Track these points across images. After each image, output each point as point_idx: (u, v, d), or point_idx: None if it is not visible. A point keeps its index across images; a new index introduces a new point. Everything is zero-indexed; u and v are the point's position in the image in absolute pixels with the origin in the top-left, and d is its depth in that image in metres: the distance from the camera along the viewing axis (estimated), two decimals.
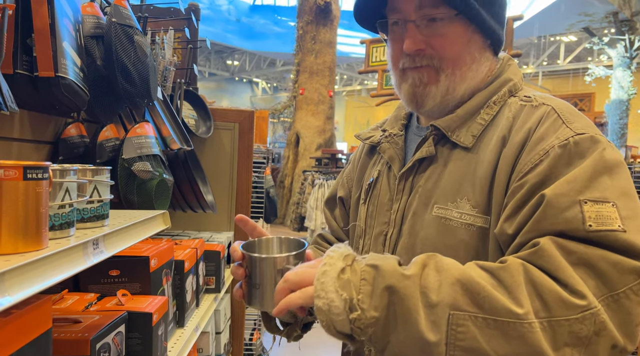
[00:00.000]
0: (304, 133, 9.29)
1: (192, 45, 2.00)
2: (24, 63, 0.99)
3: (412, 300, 0.60)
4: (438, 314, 0.60)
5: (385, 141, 0.93)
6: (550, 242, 0.64)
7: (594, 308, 0.59)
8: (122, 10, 1.27)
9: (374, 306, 0.61)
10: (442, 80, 0.82)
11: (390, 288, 0.61)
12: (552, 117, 0.75)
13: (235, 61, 19.10)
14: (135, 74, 1.24)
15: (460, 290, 0.60)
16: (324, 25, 8.77)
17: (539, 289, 0.60)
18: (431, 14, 0.80)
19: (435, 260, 0.64)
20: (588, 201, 0.65)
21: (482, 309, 0.59)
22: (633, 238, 0.63)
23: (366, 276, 0.63)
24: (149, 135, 1.40)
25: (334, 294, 0.61)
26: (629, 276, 0.61)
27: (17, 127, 1.17)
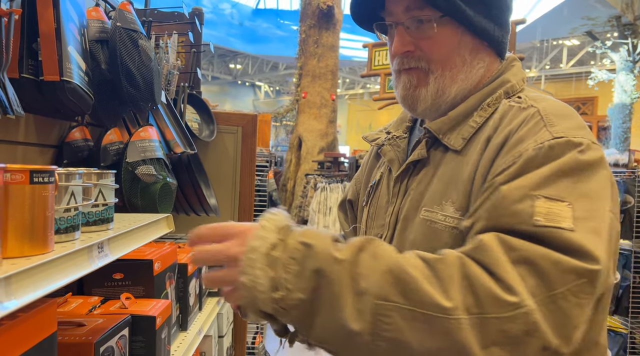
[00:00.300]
0: (306, 137, 9.30)
1: (195, 49, 2.01)
2: (30, 67, 1.00)
3: (340, 285, 0.58)
4: (364, 302, 0.57)
5: (387, 143, 0.94)
6: (494, 237, 0.61)
7: (526, 307, 0.57)
8: (126, 14, 1.28)
9: (300, 288, 0.59)
10: (432, 82, 0.82)
11: (319, 271, 0.59)
12: (534, 119, 0.73)
13: (238, 65, 19.15)
14: (139, 78, 1.25)
15: (390, 279, 0.58)
16: (327, 29, 8.79)
17: (473, 284, 0.58)
18: (417, 15, 0.80)
19: (374, 245, 0.62)
20: (542, 197, 0.63)
21: (410, 301, 0.57)
22: (578, 238, 0.59)
23: (296, 255, 0.60)
24: (152, 139, 1.41)
25: (260, 271, 0.59)
26: (568, 276, 0.58)
27: (22, 131, 1.17)
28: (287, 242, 0.61)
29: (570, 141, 0.68)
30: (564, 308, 0.57)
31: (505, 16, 0.86)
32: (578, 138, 0.68)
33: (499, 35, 0.85)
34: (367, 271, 0.59)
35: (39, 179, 0.53)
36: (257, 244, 0.60)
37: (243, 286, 0.60)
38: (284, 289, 0.59)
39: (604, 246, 0.61)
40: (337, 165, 8.01)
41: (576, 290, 0.58)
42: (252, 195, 2.34)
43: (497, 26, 0.84)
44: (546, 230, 0.60)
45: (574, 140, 0.68)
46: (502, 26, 0.85)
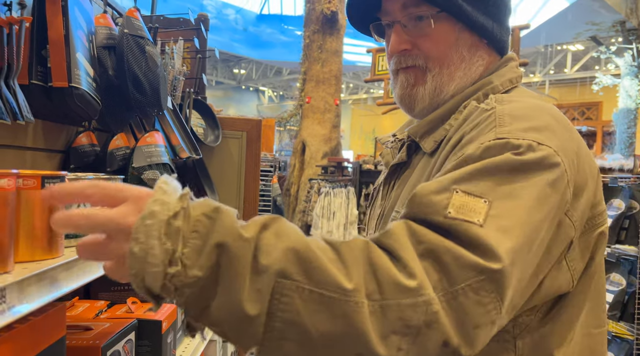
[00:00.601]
0: (310, 142, 9.32)
1: (201, 55, 2.02)
2: (39, 73, 1.01)
3: (241, 262, 0.52)
4: (264, 281, 0.52)
5: (390, 146, 0.94)
6: (403, 224, 0.58)
7: (427, 296, 0.53)
8: (133, 21, 1.29)
9: (199, 264, 0.51)
10: (429, 80, 0.82)
11: (221, 245, 0.51)
12: (489, 120, 0.70)
13: (242, 70, 19.23)
14: (146, 83, 1.26)
15: (292, 257, 0.53)
16: (331, 34, 8.82)
17: (375, 269, 0.54)
18: (414, 12, 0.80)
19: (279, 223, 0.56)
20: (460, 191, 0.60)
21: (311, 280, 0.52)
22: (484, 234, 0.56)
23: (199, 228, 0.52)
24: (158, 144, 1.42)
25: (156, 241, 0.50)
26: (468, 272, 0.54)
27: (30, 136, 1.19)
28: (189, 212, 0.52)
29: (509, 143, 0.64)
30: (464, 304, 0.54)
31: (503, 14, 0.85)
32: (519, 141, 0.64)
33: (498, 33, 0.84)
34: (270, 248, 0.53)
35: (50, 184, 0.54)
36: (158, 209, 0.51)
37: (132, 257, 0.50)
38: (179, 264, 0.50)
39: (509, 245, 0.56)
40: (341, 170, 8.02)
41: (476, 287, 0.54)
42: (257, 200, 2.34)
43: (496, 23, 0.83)
44: (454, 223, 0.57)
45: (513, 142, 0.64)
46: (500, 24, 0.84)
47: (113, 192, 0.54)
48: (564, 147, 0.66)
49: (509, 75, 0.83)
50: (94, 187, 0.53)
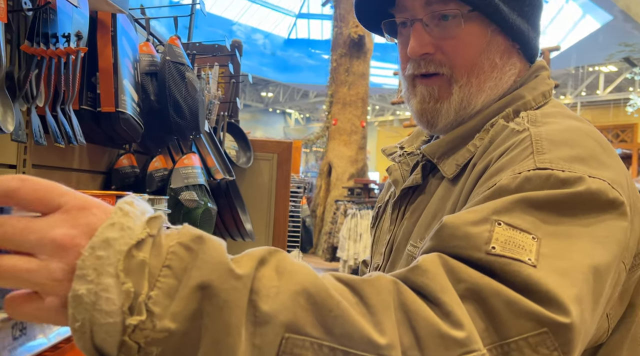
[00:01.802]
0: (336, 163, 9.35)
1: (235, 80, 2.09)
2: (89, 99, 1.07)
3: (234, 310, 0.38)
4: (267, 336, 0.38)
5: (397, 160, 0.83)
6: (437, 259, 0.47)
7: (477, 351, 0.42)
8: (174, 49, 1.35)
9: (173, 313, 0.37)
10: (456, 92, 0.71)
11: (205, 287, 0.38)
12: (523, 145, 0.60)
13: (270, 93, 19.60)
14: (186, 108, 1.32)
15: (305, 302, 0.39)
16: (358, 57, 8.94)
17: (412, 317, 0.42)
18: (440, 10, 0.69)
19: (278, 258, 0.42)
20: (503, 223, 0.49)
21: (331, 334, 0.39)
22: (540, 277, 0.45)
23: (173, 263, 0.38)
24: (195, 166, 1.47)
25: (111, 279, 0.36)
26: (524, 322, 0.43)
27: (77, 158, 1.25)
28: (160, 241, 0.39)
29: (554, 175, 0.53)
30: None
31: (537, 16, 0.74)
32: (566, 173, 0.53)
33: (533, 37, 0.73)
34: (271, 291, 0.39)
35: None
36: (115, 236, 0.37)
37: (75, 302, 0.36)
38: (144, 313, 0.37)
39: (573, 292, 0.45)
40: (367, 192, 8.01)
41: (534, 342, 0.43)
42: (286, 220, 2.37)
43: (531, 27, 0.73)
44: (501, 261, 0.46)
45: (558, 175, 0.53)
46: (535, 27, 0.74)
47: (43, 193, 0.38)
48: (617, 179, 0.56)
49: (541, 88, 0.73)
50: (21, 179, 0.37)
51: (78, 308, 0.35)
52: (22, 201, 0.37)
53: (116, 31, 1.08)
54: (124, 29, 1.13)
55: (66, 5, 0.82)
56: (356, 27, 8.60)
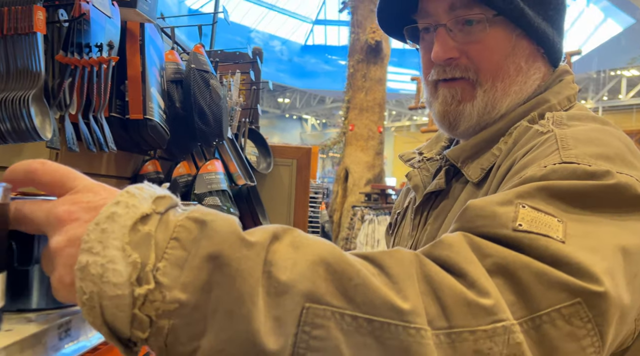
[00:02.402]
0: (353, 169, 9.35)
1: (255, 87, 2.11)
2: (117, 107, 1.10)
3: (247, 280, 0.36)
4: (286, 306, 0.37)
5: (417, 166, 0.82)
6: (461, 235, 0.45)
7: (506, 321, 0.39)
8: (199, 57, 1.38)
9: (182, 282, 0.36)
10: (480, 96, 0.70)
11: (216, 257, 0.37)
12: (548, 143, 0.59)
13: (287, 99, 19.72)
14: (210, 115, 1.34)
15: (324, 272, 0.38)
16: (375, 63, 8.94)
17: (436, 287, 0.40)
18: (464, 15, 0.69)
19: (293, 234, 0.41)
20: (527, 206, 0.47)
21: (353, 302, 0.37)
22: (570, 251, 0.43)
23: (181, 235, 0.37)
24: (218, 172, 1.49)
25: (117, 252, 0.36)
26: (556, 293, 0.41)
27: (104, 165, 1.28)
28: (168, 218, 0.38)
29: (580, 168, 0.51)
30: (550, 337, 0.40)
31: (562, 20, 0.74)
32: (592, 167, 0.52)
33: (557, 41, 0.73)
34: (288, 262, 0.38)
35: None
36: (118, 211, 0.37)
37: (82, 274, 0.36)
38: (152, 282, 0.36)
39: (605, 265, 0.43)
40: (385, 197, 7.98)
41: (567, 313, 0.40)
42: (306, 226, 2.38)
43: (555, 31, 0.73)
44: (529, 236, 0.44)
45: (585, 168, 0.51)
46: (559, 31, 0.74)
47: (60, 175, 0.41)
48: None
49: (566, 92, 0.72)
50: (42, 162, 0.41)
51: (85, 280, 0.35)
52: (40, 182, 0.40)
53: (144, 40, 1.11)
54: (151, 37, 1.16)
55: (100, 16, 0.84)
56: (373, 33, 8.61)
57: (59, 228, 0.38)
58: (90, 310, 0.36)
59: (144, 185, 0.40)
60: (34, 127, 0.65)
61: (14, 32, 0.66)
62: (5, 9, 0.67)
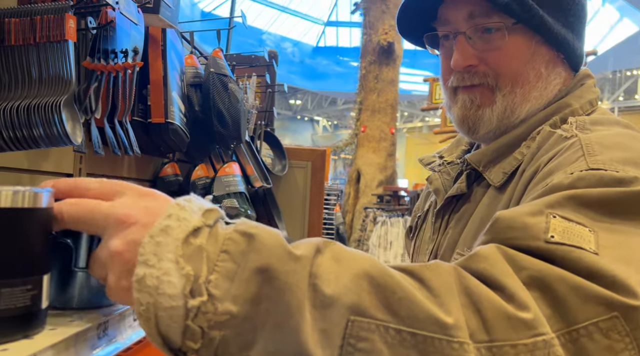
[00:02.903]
0: (365, 170, 9.34)
1: (271, 90, 2.13)
2: (140, 111, 1.12)
3: (296, 293, 0.38)
4: (332, 319, 0.38)
5: (437, 170, 0.83)
6: (495, 248, 0.45)
7: (546, 335, 0.40)
8: (218, 61, 1.40)
9: (233, 296, 0.37)
10: (499, 100, 0.71)
11: (265, 270, 0.38)
12: (573, 149, 0.60)
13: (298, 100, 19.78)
14: (228, 118, 1.36)
15: (367, 285, 0.39)
16: (387, 64, 8.93)
17: (476, 300, 0.41)
18: (484, 23, 0.70)
19: (333, 248, 0.42)
20: (558, 216, 0.48)
21: (397, 316, 0.38)
22: (604, 263, 0.43)
23: (231, 248, 0.39)
24: (236, 174, 1.51)
25: (171, 264, 0.38)
26: (593, 306, 0.41)
27: (125, 167, 1.30)
28: (217, 230, 0.40)
29: (607, 175, 0.52)
30: (588, 351, 0.40)
31: (582, 26, 0.75)
32: (621, 173, 0.52)
33: (578, 47, 0.74)
34: (331, 276, 0.39)
35: None
36: (171, 224, 0.39)
37: (139, 286, 0.38)
38: (205, 294, 0.37)
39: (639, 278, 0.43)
40: (397, 199, 7.96)
41: (605, 327, 0.40)
42: (320, 228, 2.39)
43: (575, 36, 0.74)
44: (562, 249, 0.44)
45: (613, 174, 0.52)
46: (579, 36, 0.74)
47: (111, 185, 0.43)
48: None
49: (588, 96, 0.73)
50: (99, 181, 0.44)
51: (142, 292, 0.37)
52: (89, 193, 0.42)
53: (166, 45, 1.13)
54: (172, 42, 1.18)
55: (125, 23, 0.86)
56: (385, 34, 8.60)
57: (118, 231, 0.40)
58: (146, 321, 0.37)
59: (191, 197, 0.42)
60: (65, 132, 0.67)
61: (47, 40, 0.68)
62: (38, 18, 0.69)
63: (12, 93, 0.68)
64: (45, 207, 0.39)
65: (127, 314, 0.49)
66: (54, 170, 0.98)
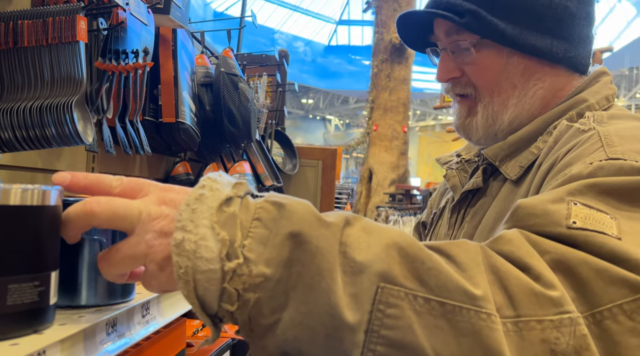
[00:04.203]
0: (377, 169, 9.31)
1: (282, 89, 2.14)
2: (151, 110, 1.13)
3: (327, 256, 0.39)
4: (362, 284, 0.39)
5: (455, 167, 0.87)
6: (517, 232, 0.46)
7: (573, 313, 0.41)
8: (228, 60, 1.41)
9: (266, 258, 0.39)
10: (480, 111, 0.77)
11: (296, 235, 0.39)
12: (591, 140, 0.61)
13: (310, 99, 19.78)
14: (239, 117, 1.36)
15: (397, 255, 0.40)
16: (399, 63, 8.90)
17: (503, 277, 0.42)
18: (456, 40, 0.76)
19: (363, 221, 0.44)
20: (579, 203, 0.49)
21: (426, 285, 0.40)
22: (627, 247, 0.44)
23: (262, 216, 0.40)
24: (246, 173, 1.51)
25: (207, 230, 0.40)
26: (617, 289, 0.42)
27: (137, 167, 1.32)
28: (247, 201, 0.42)
29: (627, 164, 0.53)
30: (612, 332, 0.41)
31: (570, 27, 0.75)
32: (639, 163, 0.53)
33: (562, 50, 0.75)
34: (362, 244, 0.41)
35: None
36: (205, 193, 0.41)
37: (178, 249, 0.39)
38: (241, 257, 0.39)
39: None
40: (409, 198, 7.93)
41: (629, 309, 0.41)
42: None
43: (558, 39, 0.75)
44: (584, 234, 0.45)
45: (632, 164, 0.53)
46: (566, 39, 0.75)
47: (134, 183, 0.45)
48: None
49: (604, 92, 0.75)
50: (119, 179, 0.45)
51: (181, 255, 0.39)
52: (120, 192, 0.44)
53: (176, 45, 1.14)
54: (183, 42, 1.19)
55: (136, 24, 0.87)
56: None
57: (152, 226, 0.42)
58: (185, 283, 0.39)
59: (221, 172, 0.45)
60: (77, 131, 0.68)
61: (58, 41, 0.69)
62: (50, 19, 0.70)
63: (25, 94, 0.69)
64: (53, 204, 0.40)
65: (135, 311, 0.50)
66: (67, 169, 1.00)
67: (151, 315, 0.52)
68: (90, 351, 0.41)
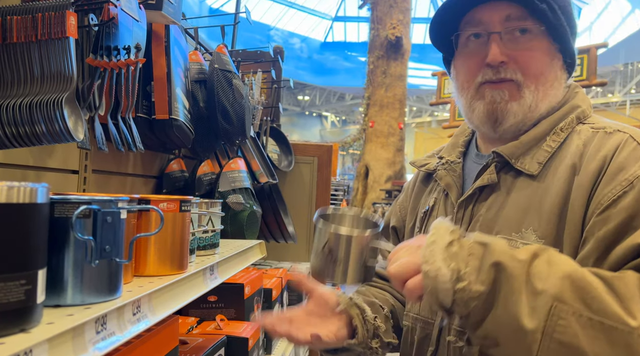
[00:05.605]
0: (373, 166, 9.31)
1: (277, 85, 2.13)
2: (144, 107, 1.12)
3: (517, 281, 0.61)
4: (540, 302, 0.59)
5: (442, 168, 0.91)
6: None
7: None
8: (222, 57, 1.40)
9: (481, 280, 0.62)
10: (526, 95, 0.81)
11: (498, 264, 0.62)
12: (631, 144, 0.74)
13: (306, 96, 19.74)
14: (233, 114, 1.36)
15: (569, 285, 0.60)
16: (395, 59, 8.89)
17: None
18: (519, 25, 0.80)
19: (549, 253, 0.64)
20: None
21: (590, 309, 0.59)
22: None
23: (474, 252, 0.64)
24: (241, 170, 1.51)
25: (441, 263, 0.63)
26: None
27: (131, 164, 1.31)
28: (462, 242, 0.65)
29: None
30: None
31: (575, 39, 0.86)
32: None
33: (575, 59, 0.86)
34: (543, 275, 0.61)
35: (185, 207, 0.61)
36: (436, 239, 0.65)
37: (425, 276, 0.64)
38: (465, 280, 0.62)
39: None
40: None
41: None
42: None
43: (575, 51, 0.85)
44: None
45: None
46: (575, 51, 0.86)
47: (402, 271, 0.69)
48: None
49: (587, 101, 0.86)
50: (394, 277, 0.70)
51: (427, 279, 0.64)
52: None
53: (169, 42, 1.13)
54: (176, 39, 1.18)
55: (127, 20, 0.87)
56: (393, 28, 8.55)
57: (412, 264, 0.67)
58: (431, 296, 0.64)
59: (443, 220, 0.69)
60: (67, 128, 0.68)
61: (48, 37, 0.69)
62: (39, 15, 0.69)
63: (15, 91, 0.69)
64: (41, 202, 0.40)
65: (126, 309, 0.49)
66: (60, 166, 0.99)
67: (142, 313, 0.51)
68: (79, 349, 0.41)
